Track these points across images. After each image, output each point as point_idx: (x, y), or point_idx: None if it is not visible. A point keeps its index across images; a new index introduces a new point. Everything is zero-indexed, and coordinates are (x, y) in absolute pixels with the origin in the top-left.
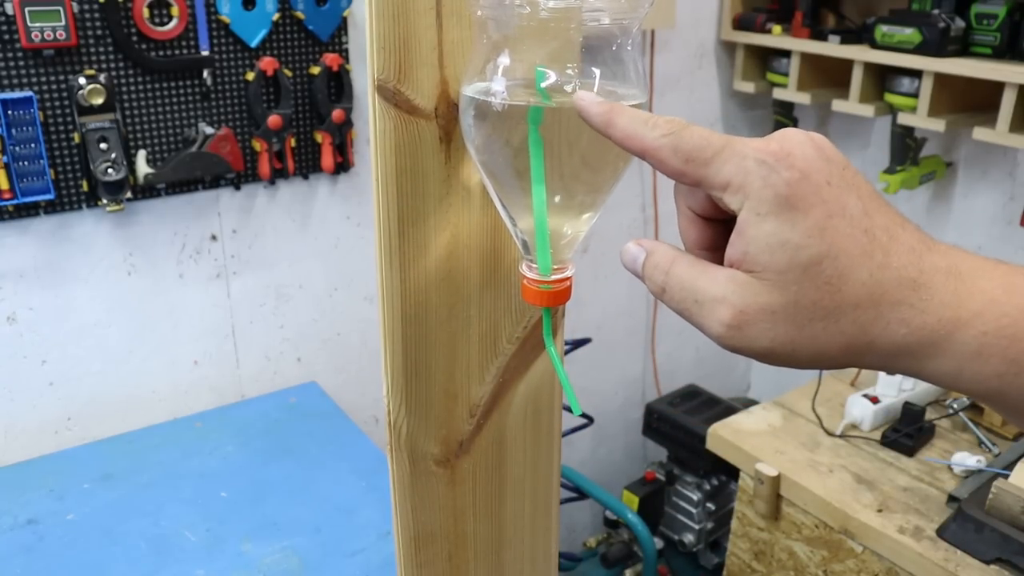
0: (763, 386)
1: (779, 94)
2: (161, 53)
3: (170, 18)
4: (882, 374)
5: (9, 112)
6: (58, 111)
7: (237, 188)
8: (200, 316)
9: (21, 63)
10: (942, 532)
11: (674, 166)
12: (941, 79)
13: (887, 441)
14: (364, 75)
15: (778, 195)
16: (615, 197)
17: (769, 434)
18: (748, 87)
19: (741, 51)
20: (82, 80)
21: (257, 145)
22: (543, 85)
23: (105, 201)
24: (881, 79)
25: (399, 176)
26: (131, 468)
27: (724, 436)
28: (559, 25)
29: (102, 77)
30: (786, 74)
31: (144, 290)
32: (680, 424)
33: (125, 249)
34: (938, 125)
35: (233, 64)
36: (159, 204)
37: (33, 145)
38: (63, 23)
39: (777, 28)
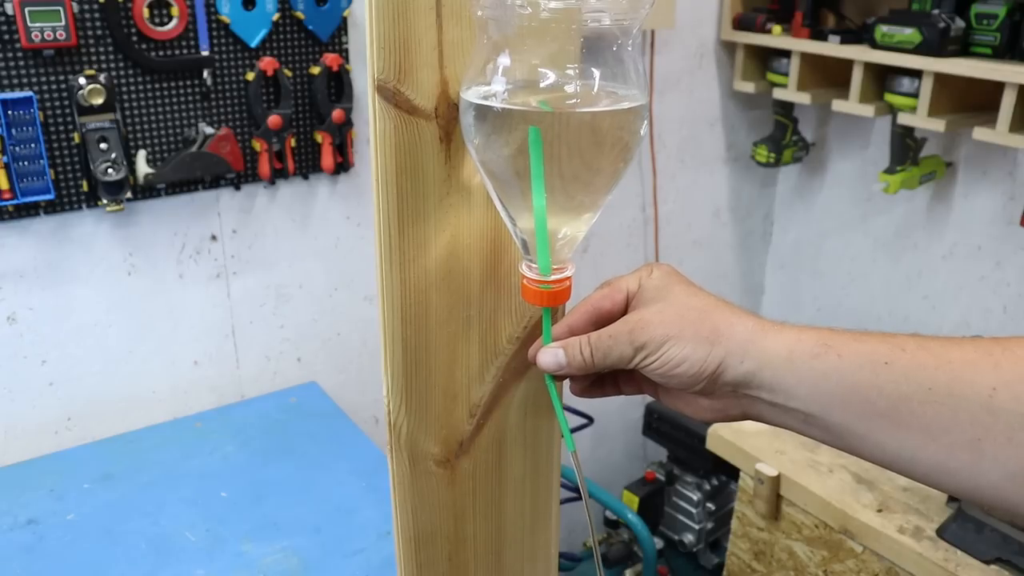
0: None
1: (779, 94)
2: (161, 53)
3: (170, 18)
4: None
5: (9, 112)
6: (58, 111)
7: (237, 188)
8: (200, 316)
9: (21, 63)
10: (942, 532)
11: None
12: (941, 79)
13: None
14: (364, 75)
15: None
16: (615, 197)
17: (769, 434)
18: (748, 87)
19: (741, 51)
20: (82, 80)
21: (257, 145)
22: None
23: (105, 201)
24: (881, 79)
25: (399, 176)
26: (131, 468)
27: (724, 436)
28: (560, 26)
29: (102, 77)
30: (786, 74)
31: (144, 290)
32: (680, 424)
33: (125, 249)
34: (938, 125)
35: (233, 64)
36: (159, 204)
37: (33, 145)
38: (63, 23)
39: (777, 28)
